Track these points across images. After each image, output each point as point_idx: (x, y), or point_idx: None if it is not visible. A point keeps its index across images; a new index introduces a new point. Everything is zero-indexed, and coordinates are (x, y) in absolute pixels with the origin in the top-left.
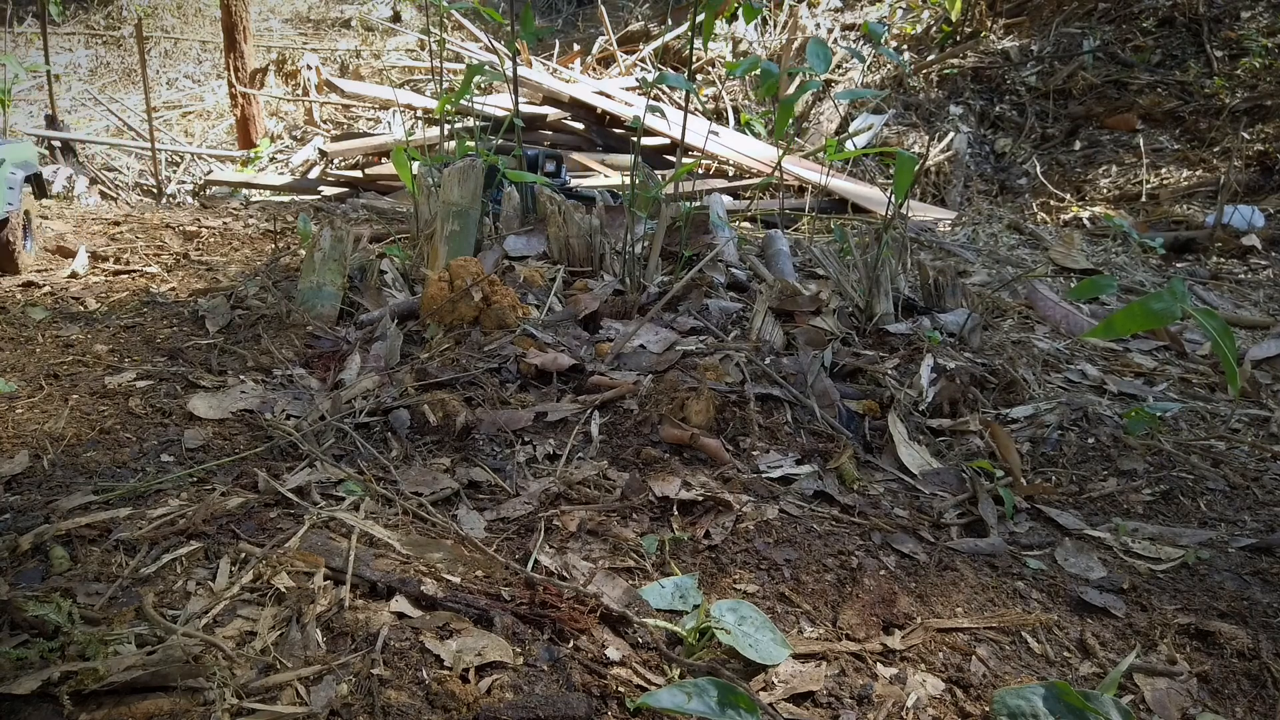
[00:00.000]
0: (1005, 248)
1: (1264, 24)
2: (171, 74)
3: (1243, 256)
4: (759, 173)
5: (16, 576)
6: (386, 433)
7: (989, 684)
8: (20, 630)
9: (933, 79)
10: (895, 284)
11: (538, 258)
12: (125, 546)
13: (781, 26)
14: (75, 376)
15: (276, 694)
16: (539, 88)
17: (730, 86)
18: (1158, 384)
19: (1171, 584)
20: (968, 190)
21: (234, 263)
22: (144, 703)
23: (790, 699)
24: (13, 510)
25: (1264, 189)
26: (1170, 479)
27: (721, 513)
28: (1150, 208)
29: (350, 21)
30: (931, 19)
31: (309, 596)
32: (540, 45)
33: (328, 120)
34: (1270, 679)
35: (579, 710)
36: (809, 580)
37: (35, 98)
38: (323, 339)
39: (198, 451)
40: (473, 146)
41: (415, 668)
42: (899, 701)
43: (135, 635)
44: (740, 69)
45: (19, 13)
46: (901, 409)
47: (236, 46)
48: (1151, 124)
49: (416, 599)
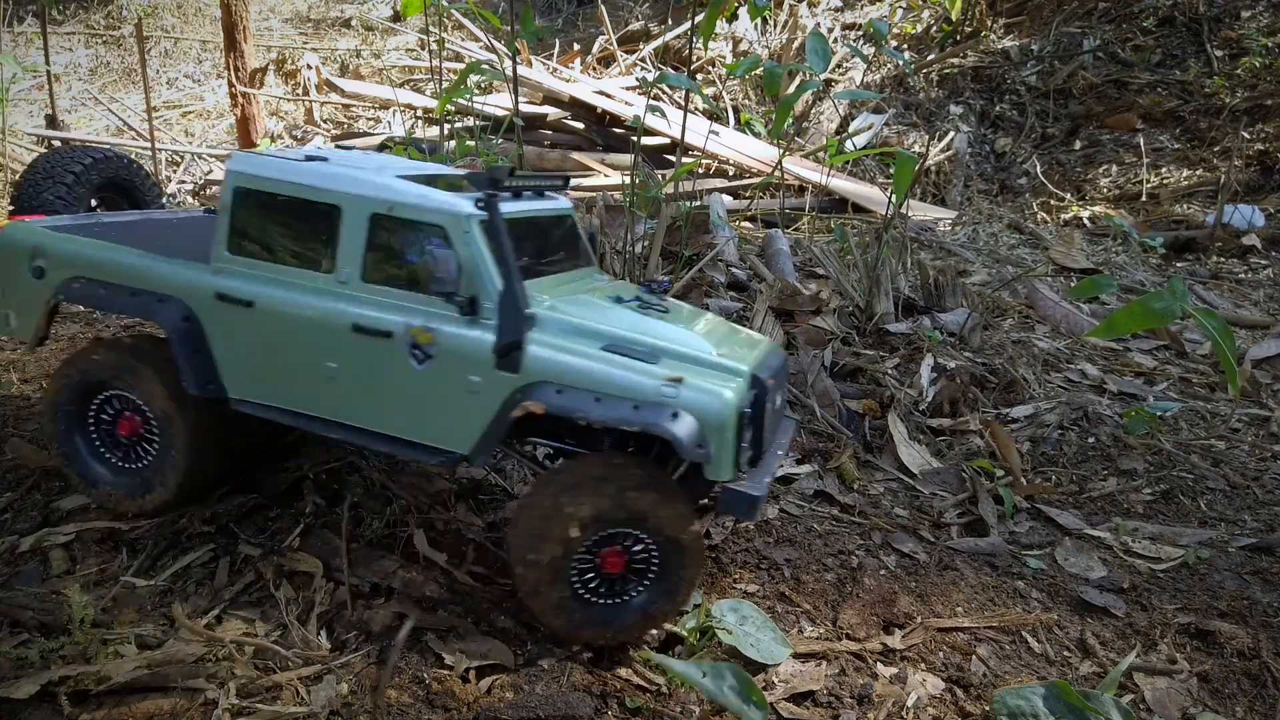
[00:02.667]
0: (1005, 247)
1: (1264, 24)
2: (171, 74)
3: (1243, 256)
4: (759, 172)
5: (16, 577)
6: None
7: (989, 683)
8: (21, 630)
9: (933, 79)
10: (895, 283)
11: None
12: (126, 547)
13: (782, 26)
14: None
15: (277, 694)
16: (539, 87)
17: (730, 86)
18: (1158, 384)
19: (1171, 583)
20: (968, 190)
21: None
22: (144, 703)
23: (791, 698)
24: (13, 510)
25: (1264, 189)
26: (1170, 479)
27: (722, 513)
28: (1150, 207)
29: (350, 21)
30: (931, 19)
31: (309, 597)
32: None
33: (328, 120)
34: (1270, 678)
35: (579, 710)
36: (809, 580)
37: (35, 97)
38: None
39: None
40: (473, 146)
41: (415, 668)
42: (899, 701)
43: (136, 636)
44: (741, 69)
45: (19, 12)
46: (902, 408)
47: (236, 46)
48: (1151, 124)
49: (417, 599)
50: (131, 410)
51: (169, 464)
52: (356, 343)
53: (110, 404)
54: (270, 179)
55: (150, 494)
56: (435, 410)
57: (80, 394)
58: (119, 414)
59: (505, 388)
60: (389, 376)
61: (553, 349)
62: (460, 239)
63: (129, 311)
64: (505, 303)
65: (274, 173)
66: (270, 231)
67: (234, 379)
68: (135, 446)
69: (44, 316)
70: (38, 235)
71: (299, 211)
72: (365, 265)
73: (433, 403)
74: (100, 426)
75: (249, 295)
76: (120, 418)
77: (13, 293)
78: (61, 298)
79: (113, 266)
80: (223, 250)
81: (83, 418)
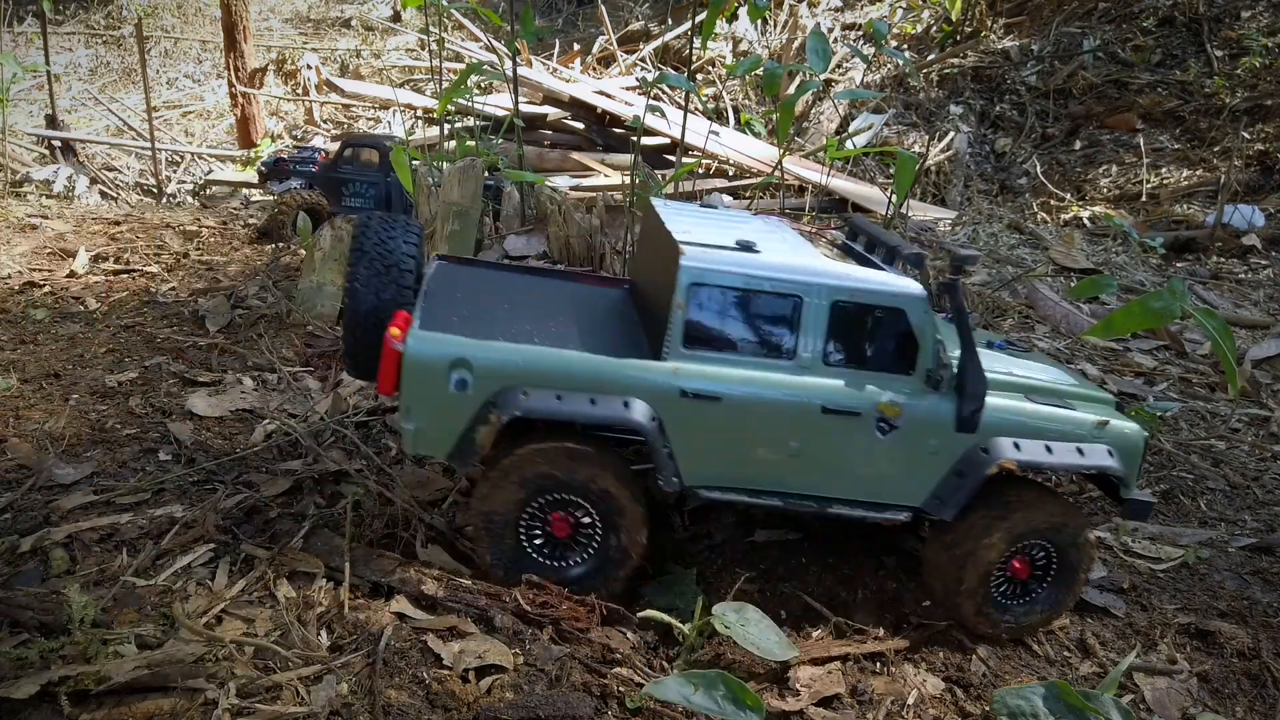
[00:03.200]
0: (1005, 247)
1: (1264, 24)
2: (171, 74)
3: (1243, 256)
4: (759, 172)
5: (16, 577)
6: (386, 432)
7: (989, 683)
8: (21, 630)
9: (933, 79)
10: None
11: (538, 257)
12: (126, 547)
13: (782, 26)
14: (76, 375)
15: (277, 694)
16: (539, 87)
17: (730, 86)
18: (1158, 384)
19: (1171, 583)
20: (968, 190)
21: (234, 263)
22: (144, 703)
23: (819, 703)
24: (13, 510)
25: (1264, 189)
26: (1170, 479)
27: (723, 512)
28: (1150, 207)
29: (350, 21)
30: (932, 19)
31: (309, 597)
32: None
33: (328, 120)
34: (1270, 679)
35: (579, 710)
36: (811, 579)
37: (35, 97)
38: (323, 338)
39: (197, 450)
40: (473, 146)
41: (415, 667)
42: (899, 700)
43: (136, 636)
44: (741, 69)
45: (19, 12)
46: None
47: (236, 46)
48: (1151, 124)
49: (416, 599)
50: (564, 510)
51: (612, 558)
52: (824, 422)
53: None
54: (729, 273)
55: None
56: (894, 473)
57: (525, 502)
58: (547, 516)
59: (961, 446)
60: (853, 448)
61: (994, 407)
62: (920, 318)
63: (589, 419)
64: (968, 372)
65: (732, 267)
66: (726, 324)
67: (692, 468)
68: (569, 544)
69: (488, 436)
70: (460, 347)
71: (757, 303)
72: (826, 349)
73: (893, 467)
74: (530, 530)
75: (715, 390)
76: (548, 519)
77: (429, 409)
78: (508, 413)
79: (561, 374)
80: (678, 346)
81: (518, 524)
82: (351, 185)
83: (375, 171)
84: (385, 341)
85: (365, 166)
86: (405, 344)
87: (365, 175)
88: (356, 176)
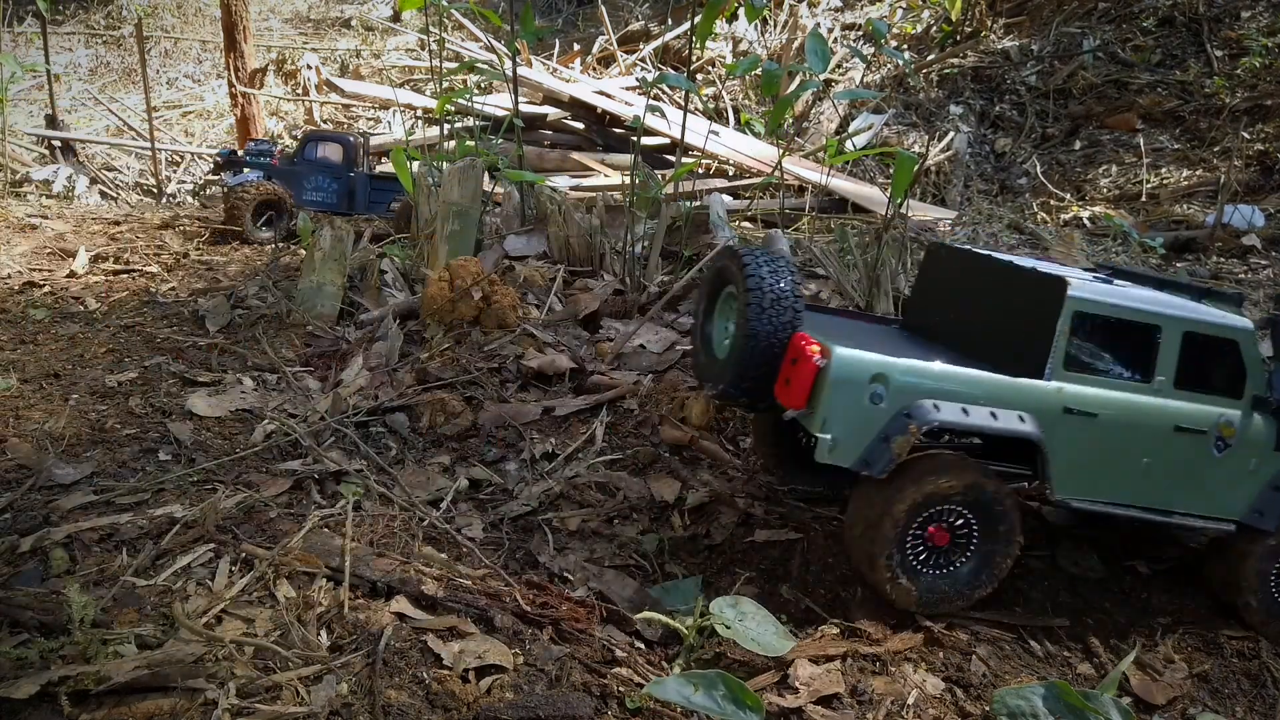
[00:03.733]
0: (1005, 247)
1: (1264, 24)
2: (171, 74)
3: (1243, 256)
4: (759, 172)
5: (16, 577)
6: (386, 432)
7: (989, 684)
8: (21, 630)
9: (933, 79)
10: (895, 284)
11: (538, 257)
12: (126, 547)
13: (781, 26)
14: (75, 375)
15: (277, 694)
16: (539, 87)
17: (730, 86)
18: None
19: (1171, 583)
20: (968, 190)
21: (234, 262)
22: (144, 703)
23: (818, 701)
24: (13, 510)
25: (1264, 189)
26: None
27: (723, 512)
28: (1150, 207)
29: (350, 21)
30: (931, 19)
31: (309, 597)
32: (540, 45)
33: (328, 120)
34: (1270, 678)
35: (579, 710)
36: (810, 578)
37: (35, 97)
38: (322, 338)
39: (197, 450)
40: (473, 146)
41: (415, 667)
42: (899, 699)
43: (136, 636)
44: (740, 69)
45: (19, 12)
46: None
47: (236, 46)
48: (1151, 124)
49: (416, 599)
50: (941, 522)
51: (987, 564)
52: (1174, 440)
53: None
54: (1107, 304)
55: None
56: (1224, 488)
57: (914, 517)
58: (923, 527)
59: (1275, 465)
60: (1195, 465)
61: None
62: (1249, 349)
63: (991, 431)
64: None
65: (1109, 298)
66: (1096, 349)
67: (1063, 479)
68: (945, 553)
69: (904, 445)
70: (878, 364)
71: (1123, 331)
72: (1177, 374)
73: (1221, 483)
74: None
75: (1093, 407)
76: (927, 530)
77: (845, 421)
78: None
79: (965, 390)
80: (1059, 368)
81: (904, 537)
82: (313, 180)
83: (338, 166)
84: (802, 360)
85: (328, 161)
86: (828, 361)
87: (328, 170)
88: (319, 171)
